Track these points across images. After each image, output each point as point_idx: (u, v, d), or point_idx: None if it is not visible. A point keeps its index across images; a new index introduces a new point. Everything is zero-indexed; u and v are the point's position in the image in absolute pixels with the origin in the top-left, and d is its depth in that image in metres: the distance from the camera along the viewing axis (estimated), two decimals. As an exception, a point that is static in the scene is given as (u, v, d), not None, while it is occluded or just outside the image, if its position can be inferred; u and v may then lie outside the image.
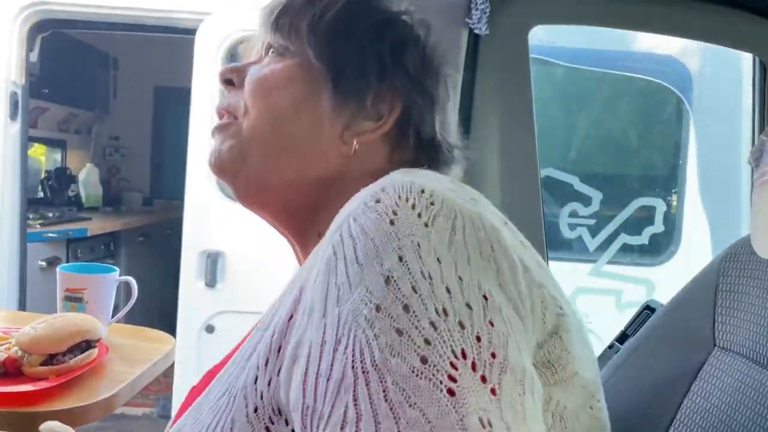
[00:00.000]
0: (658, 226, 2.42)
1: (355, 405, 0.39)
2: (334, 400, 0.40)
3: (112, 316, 1.19)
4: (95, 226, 3.37)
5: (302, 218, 0.65)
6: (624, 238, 2.40)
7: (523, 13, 1.21)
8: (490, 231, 0.48)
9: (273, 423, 0.47)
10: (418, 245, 0.45)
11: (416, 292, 0.43)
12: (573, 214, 2.35)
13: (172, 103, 4.33)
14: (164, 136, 4.54)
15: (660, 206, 2.42)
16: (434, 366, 0.40)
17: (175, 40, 2.76)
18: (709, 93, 2.38)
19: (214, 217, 2.47)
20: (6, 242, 2.43)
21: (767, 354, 0.73)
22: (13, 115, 2.43)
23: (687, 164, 2.42)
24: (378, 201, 0.48)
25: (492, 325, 0.43)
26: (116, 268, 1.22)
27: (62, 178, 3.88)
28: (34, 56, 2.58)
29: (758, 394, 0.71)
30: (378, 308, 0.42)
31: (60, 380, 0.92)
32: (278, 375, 0.47)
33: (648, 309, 1.10)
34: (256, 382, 0.49)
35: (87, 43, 3.88)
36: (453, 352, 0.40)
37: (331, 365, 0.42)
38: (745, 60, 1.52)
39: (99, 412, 0.92)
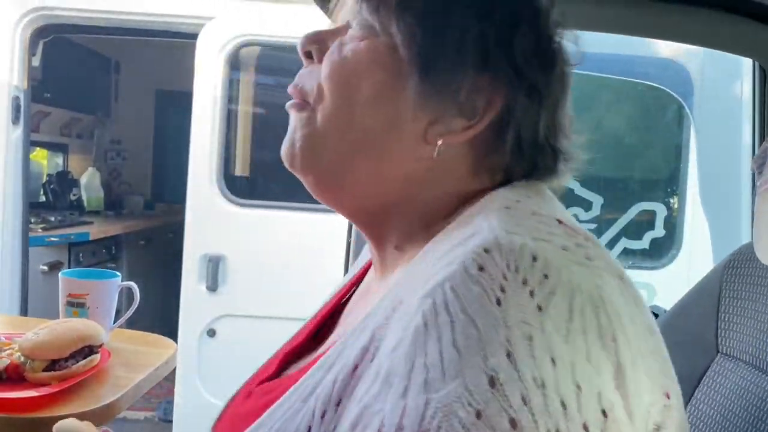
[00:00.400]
0: (658, 231, 2.42)
1: None
2: None
3: (114, 322, 1.19)
4: (97, 230, 3.37)
5: (377, 224, 0.58)
6: (625, 243, 2.41)
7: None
8: (612, 314, 0.42)
9: None
10: (530, 338, 0.39)
11: (526, 404, 0.37)
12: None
13: (174, 107, 4.34)
14: (166, 140, 4.54)
15: (661, 210, 2.42)
16: None
17: (176, 44, 2.77)
18: (710, 97, 2.38)
19: (215, 221, 2.47)
20: (8, 246, 2.43)
21: (769, 360, 0.73)
22: (15, 120, 2.44)
23: (688, 168, 2.42)
24: (481, 269, 0.41)
25: None
26: (118, 273, 1.22)
27: (64, 182, 3.88)
28: (36, 61, 2.59)
29: (760, 400, 0.71)
30: (479, 415, 0.37)
31: (62, 386, 0.92)
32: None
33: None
34: None
35: (89, 47, 3.89)
36: None
37: None
38: (746, 64, 1.52)
39: (101, 418, 0.92)
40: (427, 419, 0.38)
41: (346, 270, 1.25)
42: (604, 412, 0.39)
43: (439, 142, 0.52)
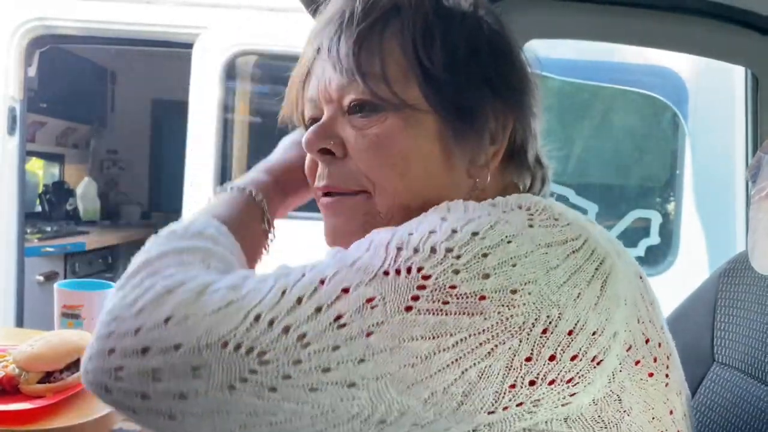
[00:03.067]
0: (654, 238, 2.42)
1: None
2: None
3: (110, 333, 1.18)
4: (93, 240, 3.36)
5: None
6: (621, 250, 2.41)
7: (518, 27, 1.22)
8: (604, 271, 0.48)
9: None
10: (498, 225, 0.47)
11: (453, 234, 0.47)
12: (569, 227, 2.35)
13: (170, 116, 4.33)
14: (162, 149, 4.54)
15: (656, 218, 2.43)
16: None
17: (172, 54, 2.78)
18: (704, 105, 2.40)
19: (211, 231, 2.46)
20: (3, 257, 2.42)
21: (765, 369, 0.73)
22: (10, 130, 2.44)
23: (683, 176, 2.42)
24: (493, 205, 0.51)
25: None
26: (113, 284, 1.22)
27: (60, 192, 3.87)
28: (32, 71, 2.59)
29: (756, 409, 0.71)
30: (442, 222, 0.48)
31: (58, 398, 0.92)
32: None
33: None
34: None
35: (85, 57, 3.89)
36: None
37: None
38: (737, 72, 1.53)
39: (97, 429, 0.91)
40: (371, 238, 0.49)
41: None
42: (515, 291, 0.45)
43: (484, 174, 0.59)
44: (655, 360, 0.51)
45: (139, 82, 4.29)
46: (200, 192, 2.48)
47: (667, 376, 0.53)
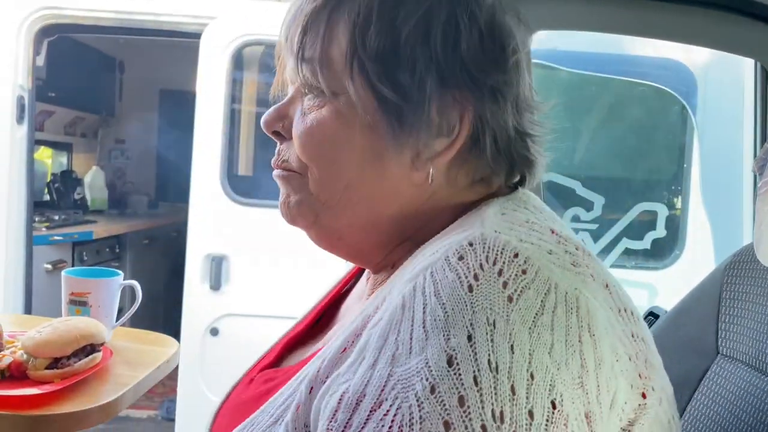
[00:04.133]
0: (660, 231, 2.41)
1: None
2: None
3: (117, 320, 1.19)
4: (101, 229, 3.38)
5: (375, 256, 0.59)
6: (626, 243, 2.40)
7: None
8: (583, 316, 0.44)
9: None
10: (493, 324, 0.41)
11: (476, 385, 0.39)
12: (575, 219, 2.35)
13: (178, 107, 4.34)
14: (170, 139, 4.55)
15: (662, 211, 2.41)
16: None
17: (180, 44, 2.78)
18: (713, 98, 2.38)
19: (219, 220, 2.48)
20: (12, 245, 2.44)
21: (769, 361, 0.73)
22: (19, 119, 2.45)
23: (690, 169, 2.41)
24: (461, 258, 0.43)
25: None
26: (120, 271, 1.23)
27: (68, 181, 3.89)
28: (40, 60, 2.60)
29: (760, 401, 0.71)
30: (432, 390, 0.39)
31: (65, 384, 0.93)
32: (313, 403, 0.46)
33: (652, 316, 1.10)
34: (298, 410, 0.47)
35: (93, 46, 3.90)
36: None
37: (364, 424, 0.40)
38: (747, 65, 1.52)
39: (103, 416, 0.92)
40: (387, 389, 0.41)
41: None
42: (553, 403, 0.40)
43: (430, 170, 0.53)
44: (640, 376, 0.49)
45: (147, 71, 4.30)
46: (207, 182, 2.49)
47: (652, 389, 0.50)
